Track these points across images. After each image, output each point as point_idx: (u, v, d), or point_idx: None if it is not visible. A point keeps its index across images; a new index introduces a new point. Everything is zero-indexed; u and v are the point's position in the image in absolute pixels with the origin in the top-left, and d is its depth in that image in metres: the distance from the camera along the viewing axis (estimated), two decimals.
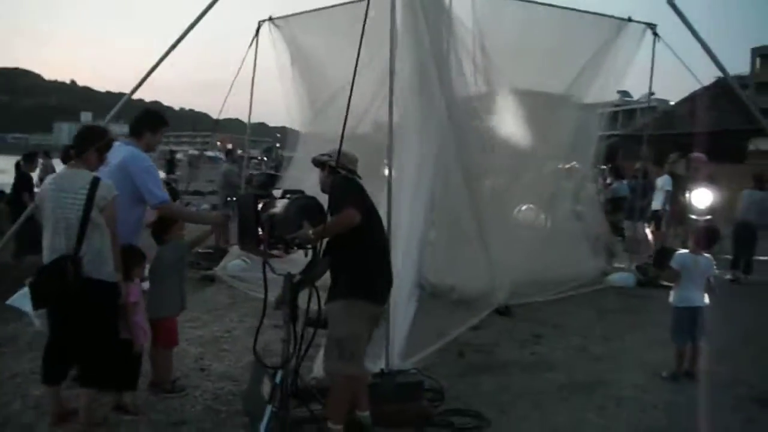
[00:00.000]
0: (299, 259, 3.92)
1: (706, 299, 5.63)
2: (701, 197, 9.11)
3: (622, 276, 9.66)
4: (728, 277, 9.96)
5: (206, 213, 13.26)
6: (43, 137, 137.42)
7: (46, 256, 3.79)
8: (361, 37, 4.02)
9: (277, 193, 4.07)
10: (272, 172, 16.54)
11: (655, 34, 9.17)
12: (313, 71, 9.35)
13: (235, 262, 9.39)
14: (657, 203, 11.22)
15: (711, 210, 9.05)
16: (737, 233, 10.28)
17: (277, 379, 3.86)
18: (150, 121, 4.65)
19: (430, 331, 5.95)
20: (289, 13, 9.76)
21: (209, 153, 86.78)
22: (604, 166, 13.30)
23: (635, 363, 6.01)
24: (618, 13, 9.27)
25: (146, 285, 4.61)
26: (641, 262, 10.41)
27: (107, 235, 3.86)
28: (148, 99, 59.77)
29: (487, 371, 5.63)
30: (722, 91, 20.10)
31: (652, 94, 10.46)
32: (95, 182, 3.77)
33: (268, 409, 3.79)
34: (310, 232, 3.74)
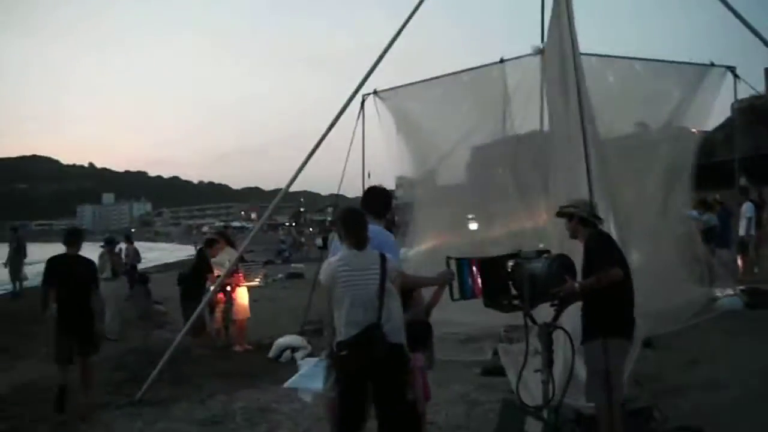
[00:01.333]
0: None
1: None
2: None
3: (731, 300, 10.12)
4: None
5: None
6: (69, 221, 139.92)
7: (344, 330, 4.19)
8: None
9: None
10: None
11: (736, 75, 9.88)
12: (421, 135, 10.26)
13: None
14: (742, 230, 11.77)
15: None
16: None
17: (545, 416, 4.47)
18: (387, 202, 5.25)
19: None
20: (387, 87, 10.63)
21: (234, 223, 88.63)
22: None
23: None
24: (699, 58, 10.01)
25: None
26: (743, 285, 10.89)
27: (399, 303, 4.37)
28: (165, 175, 61.24)
29: (671, 393, 6.16)
30: (756, 116, 20.72)
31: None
32: (383, 258, 4.32)
33: None
34: (576, 285, 4.40)
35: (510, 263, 4.66)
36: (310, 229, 56.43)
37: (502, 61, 9.51)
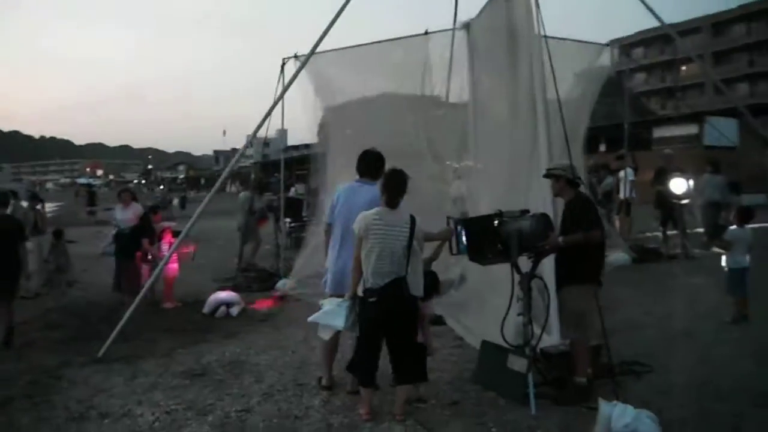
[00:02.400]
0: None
1: (748, 261, 7.44)
2: (678, 185, 11.13)
3: (619, 256, 11.39)
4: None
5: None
6: None
7: (371, 279, 4.72)
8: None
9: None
10: (295, 197, 17.21)
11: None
12: (337, 98, 10.59)
13: (283, 281, 10.47)
14: (623, 193, 13.19)
15: (686, 194, 11.09)
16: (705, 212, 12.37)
17: (528, 352, 5.15)
18: (381, 165, 5.61)
19: None
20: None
21: (81, 180, 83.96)
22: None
23: (700, 315, 7.70)
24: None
25: None
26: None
27: (421, 260, 4.92)
28: (6, 129, 56.87)
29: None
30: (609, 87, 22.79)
31: None
32: (413, 220, 4.84)
33: (530, 377, 5.05)
34: (560, 239, 5.07)
35: (495, 222, 5.22)
36: (161, 186, 54.42)
37: (426, 33, 9.95)
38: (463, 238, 5.27)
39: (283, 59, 10.80)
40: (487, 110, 8.96)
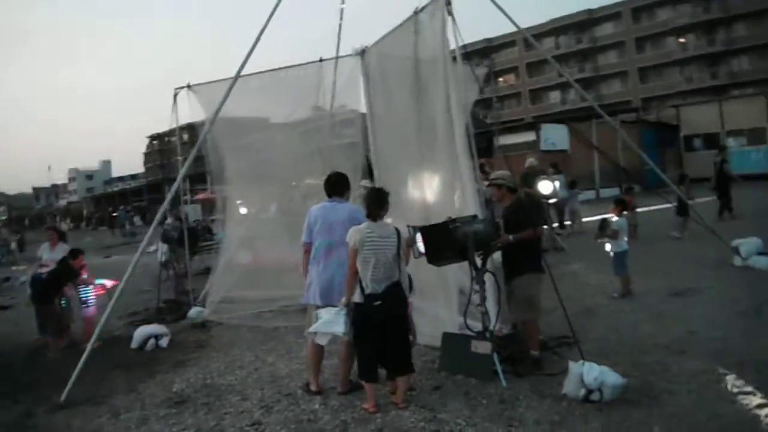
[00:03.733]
0: None
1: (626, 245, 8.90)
2: (545, 186, 12.69)
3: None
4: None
5: None
6: None
7: (371, 285, 5.31)
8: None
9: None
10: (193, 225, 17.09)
11: None
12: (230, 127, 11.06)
13: (196, 309, 10.70)
14: None
15: (553, 194, 12.68)
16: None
17: (489, 336, 6.04)
18: (348, 184, 6.25)
19: None
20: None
21: None
22: None
23: (592, 295, 9.01)
24: None
25: None
26: None
27: (405, 265, 5.60)
28: None
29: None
30: None
31: None
32: (398, 230, 5.52)
33: (495, 356, 5.92)
34: (511, 237, 6.01)
35: (452, 227, 6.05)
36: None
37: (321, 60, 10.68)
38: (420, 244, 6.01)
39: (175, 89, 11.17)
40: (388, 128, 9.70)
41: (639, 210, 15.24)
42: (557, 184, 13.30)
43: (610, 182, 33.63)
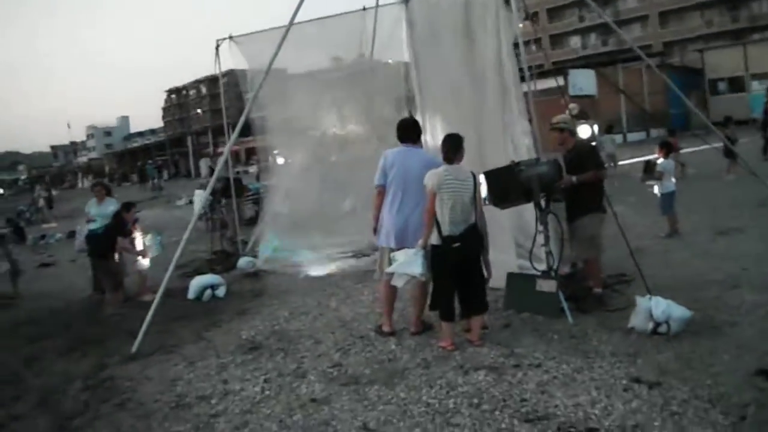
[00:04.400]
0: None
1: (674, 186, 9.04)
2: (584, 130, 12.74)
3: None
4: None
5: None
6: None
7: (449, 227, 5.48)
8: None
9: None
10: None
11: None
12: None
13: (245, 259, 10.98)
14: None
15: (592, 138, 12.74)
16: None
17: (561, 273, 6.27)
18: (419, 130, 6.40)
19: None
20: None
21: None
22: None
23: (640, 235, 9.16)
24: None
25: None
26: None
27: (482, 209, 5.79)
28: None
29: None
30: None
31: None
32: (474, 175, 5.68)
33: (560, 293, 6.16)
34: (574, 179, 6.17)
35: (517, 170, 6.24)
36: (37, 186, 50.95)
37: (364, 8, 10.68)
38: (483, 188, 6.16)
39: (218, 41, 11.14)
40: (436, 75, 9.73)
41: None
42: (596, 128, 13.37)
43: (636, 126, 33.47)
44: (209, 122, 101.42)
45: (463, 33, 8.42)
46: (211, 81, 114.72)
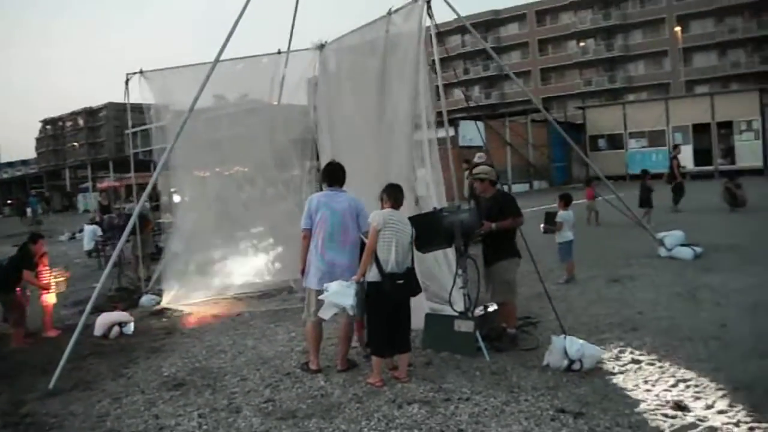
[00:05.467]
0: None
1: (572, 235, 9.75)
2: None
3: None
4: None
5: None
6: None
7: (391, 266, 5.75)
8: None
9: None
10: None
11: None
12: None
13: (148, 297, 10.83)
14: None
15: None
16: None
17: (475, 314, 6.65)
18: (344, 173, 6.57)
19: None
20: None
21: None
22: None
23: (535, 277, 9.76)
24: None
25: None
26: None
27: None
28: None
29: None
30: None
31: None
32: (409, 219, 6.03)
33: (477, 333, 6.53)
34: (494, 226, 6.61)
35: (440, 216, 6.62)
36: None
37: (279, 52, 10.99)
38: None
39: (128, 74, 11.25)
40: (344, 121, 10.03)
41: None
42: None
43: (521, 178, 35.34)
44: (86, 155, 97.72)
45: (378, 83, 8.80)
46: (89, 113, 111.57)
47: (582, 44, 69.68)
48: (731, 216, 17.09)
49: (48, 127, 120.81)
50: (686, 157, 33.28)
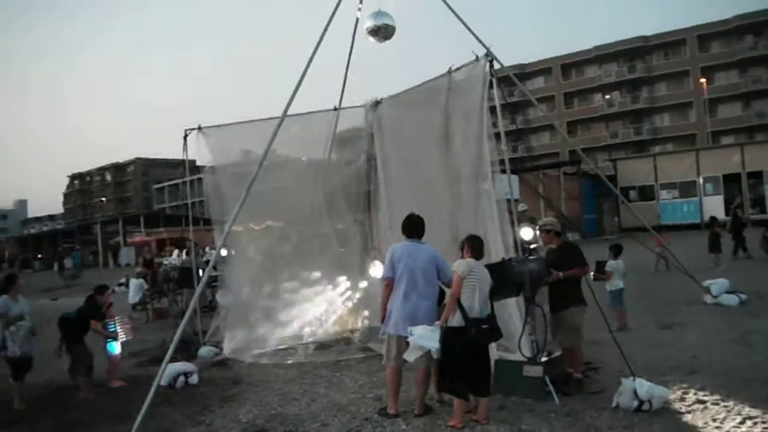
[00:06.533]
0: None
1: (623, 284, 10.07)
2: (527, 232, 13.75)
3: None
4: None
5: None
6: None
7: (476, 311, 6.15)
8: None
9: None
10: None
11: None
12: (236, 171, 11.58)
13: (206, 348, 11.20)
14: None
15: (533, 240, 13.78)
16: None
17: (541, 360, 6.98)
18: (423, 225, 7.00)
19: None
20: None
21: None
22: None
23: (596, 328, 10.05)
24: None
25: None
26: None
27: None
28: None
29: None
30: None
31: None
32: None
33: (547, 378, 6.86)
34: (561, 275, 7.01)
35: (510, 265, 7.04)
36: None
37: (335, 109, 11.55)
38: None
39: (186, 130, 11.61)
40: (403, 175, 10.51)
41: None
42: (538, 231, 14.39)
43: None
44: (113, 210, 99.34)
45: (440, 138, 9.31)
46: (116, 168, 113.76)
47: (607, 97, 70.55)
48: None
49: (75, 182, 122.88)
50: (716, 206, 33.45)
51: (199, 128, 11.53)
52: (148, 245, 33.16)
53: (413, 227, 6.97)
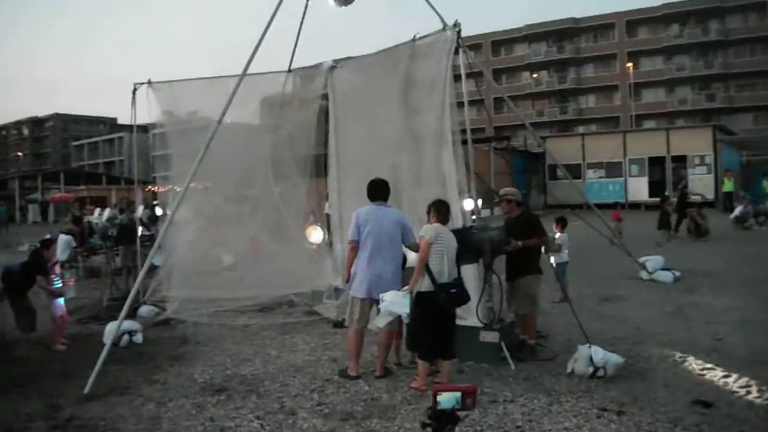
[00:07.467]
0: None
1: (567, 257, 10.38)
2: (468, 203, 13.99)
3: None
4: None
5: None
6: None
7: (443, 277, 6.18)
8: None
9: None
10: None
11: None
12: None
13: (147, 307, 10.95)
14: None
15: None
16: None
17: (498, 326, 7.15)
18: (388, 188, 7.01)
19: None
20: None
21: None
22: None
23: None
24: None
25: None
26: None
27: None
28: None
29: None
30: None
31: None
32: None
33: (503, 343, 7.04)
34: (520, 243, 7.15)
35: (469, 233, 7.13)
36: None
37: (290, 70, 11.36)
38: None
39: (135, 84, 11.36)
40: (358, 140, 10.40)
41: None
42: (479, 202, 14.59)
43: (483, 204, 36.14)
44: (30, 166, 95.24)
45: (400, 105, 9.27)
46: (34, 123, 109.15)
47: (535, 75, 71.92)
48: (696, 245, 18.25)
49: None
50: (641, 188, 34.83)
51: (149, 83, 11.24)
52: (78, 202, 31.83)
53: (377, 190, 6.97)
